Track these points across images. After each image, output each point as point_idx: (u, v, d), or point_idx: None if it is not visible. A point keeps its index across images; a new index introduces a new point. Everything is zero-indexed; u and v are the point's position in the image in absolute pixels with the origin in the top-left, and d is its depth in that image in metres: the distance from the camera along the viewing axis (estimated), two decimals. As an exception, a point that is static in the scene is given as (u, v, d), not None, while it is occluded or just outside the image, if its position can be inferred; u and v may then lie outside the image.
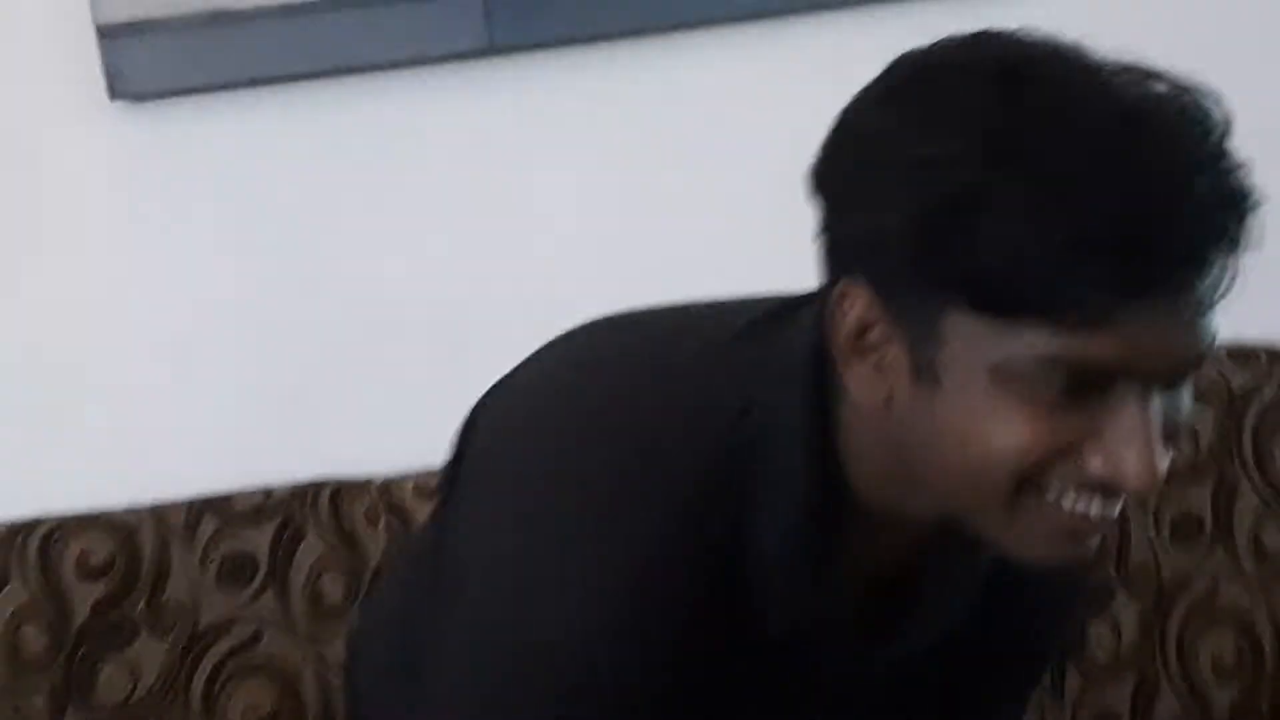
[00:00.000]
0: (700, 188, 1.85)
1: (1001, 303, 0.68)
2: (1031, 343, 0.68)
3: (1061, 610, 1.02)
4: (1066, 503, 0.73)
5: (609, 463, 0.79)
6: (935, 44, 0.75)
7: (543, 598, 0.78)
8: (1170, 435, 0.73)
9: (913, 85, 0.74)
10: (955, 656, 0.90)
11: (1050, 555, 0.78)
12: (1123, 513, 0.81)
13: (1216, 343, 0.72)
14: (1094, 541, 0.78)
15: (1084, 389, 0.70)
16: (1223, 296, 0.70)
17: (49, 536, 1.68)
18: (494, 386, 0.96)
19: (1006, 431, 0.71)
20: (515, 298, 1.84)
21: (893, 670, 0.88)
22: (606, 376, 0.86)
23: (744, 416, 0.79)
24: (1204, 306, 0.70)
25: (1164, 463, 0.72)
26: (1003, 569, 0.87)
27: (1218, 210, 0.67)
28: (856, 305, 0.74)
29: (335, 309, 1.83)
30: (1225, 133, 0.69)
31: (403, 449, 1.74)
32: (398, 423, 1.81)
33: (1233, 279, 0.70)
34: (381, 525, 1.72)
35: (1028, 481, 0.72)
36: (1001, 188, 0.67)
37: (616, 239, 1.86)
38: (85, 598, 1.67)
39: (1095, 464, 0.72)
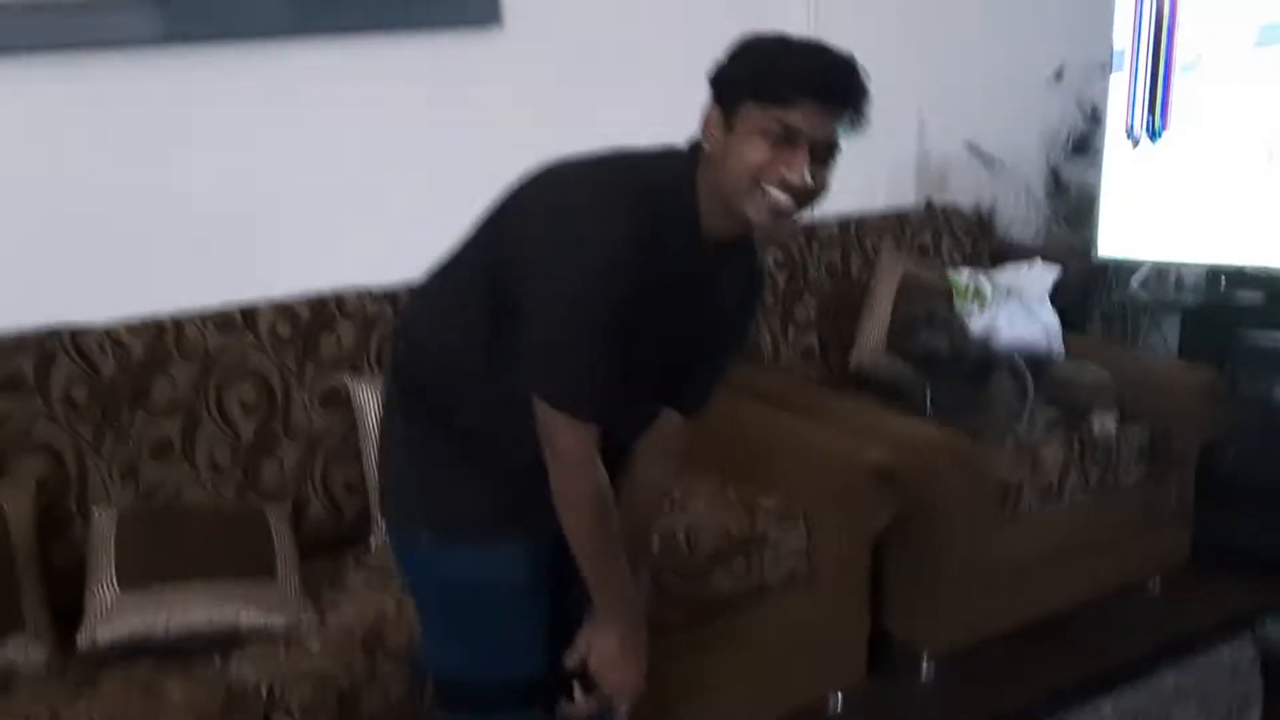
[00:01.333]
0: (319, 149, 2.75)
1: (755, 96, 1.51)
2: (764, 113, 1.50)
3: (761, 290, 1.85)
4: (774, 193, 1.54)
5: (600, 198, 1.57)
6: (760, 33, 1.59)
7: (581, 239, 1.53)
8: (815, 177, 1.53)
9: (744, 40, 1.57)
10: (732, 310, 1.77)
11: (770, 225, 1.56)
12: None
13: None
14: (789, 222, 1.58)
15: (784, 141, 1.51)
16: (843, 120, 1.52)
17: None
18: (524, 184, 1.67)
19: (751, 152, 1.52)
20: (178, 212, 2.64)
21: (710, 314, 1.72)
22: (592, 167, 1.64)
23: (659, 179, 1.60)
24: (830, 122, 1.51)
25: (811, 182, 1.53)
26: (747, 271, 1.75)
27: (838, 77, 1.52)
28: (713, 116, 1.58)
29: (72, 214, 2.53)
30: (853, 64, 1.53)
31: (117, 304, 2.51)
32: (113, 287, 2.56)
33: (853, 120, 1.53)
34: (108, 354, 2.45)
35: (758, 179, 1.53)
36: (762, 60, 1.53)
37: (257, 182, 2.71)
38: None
39: (784, 171, 1.52)
